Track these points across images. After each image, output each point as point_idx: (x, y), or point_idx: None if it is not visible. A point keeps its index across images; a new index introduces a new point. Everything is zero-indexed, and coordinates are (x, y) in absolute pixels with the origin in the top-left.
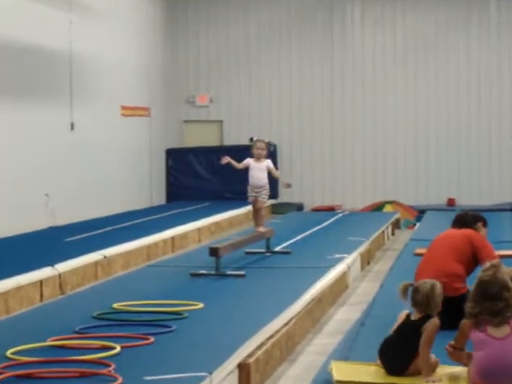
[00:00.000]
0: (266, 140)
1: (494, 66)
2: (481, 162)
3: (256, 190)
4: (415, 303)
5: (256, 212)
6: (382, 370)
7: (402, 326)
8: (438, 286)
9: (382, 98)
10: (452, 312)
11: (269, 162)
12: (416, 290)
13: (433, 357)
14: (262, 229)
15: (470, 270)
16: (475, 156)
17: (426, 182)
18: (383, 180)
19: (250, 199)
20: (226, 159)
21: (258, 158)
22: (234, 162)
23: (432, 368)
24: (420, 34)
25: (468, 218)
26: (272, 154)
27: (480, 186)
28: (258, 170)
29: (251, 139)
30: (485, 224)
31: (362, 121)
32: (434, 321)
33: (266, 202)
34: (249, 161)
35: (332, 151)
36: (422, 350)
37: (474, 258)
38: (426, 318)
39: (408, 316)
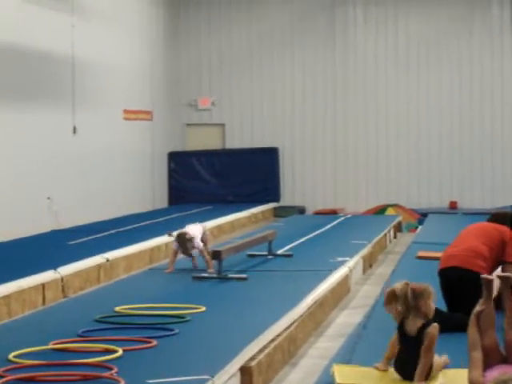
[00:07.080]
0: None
1: (496, 67)
2: (483, 165)
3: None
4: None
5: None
6: (383, 374)
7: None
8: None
9: (384, 100)
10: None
11: (198, 247)
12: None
13: (444, 358)
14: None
15: (495, 259)
16: (477, 159)
17: (428, 185)
18: (385, 183)
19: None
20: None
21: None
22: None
23: (437, 368)
24: (422, 35)
25: (508, 218)
26: (275, 158)
27: (482, 189)
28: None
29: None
30: None
31: (363, 123)
32: (435, 326)
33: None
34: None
35: (334, 154)
36: (425, 355)
37: (501, 251)
38: (424, 326)
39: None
